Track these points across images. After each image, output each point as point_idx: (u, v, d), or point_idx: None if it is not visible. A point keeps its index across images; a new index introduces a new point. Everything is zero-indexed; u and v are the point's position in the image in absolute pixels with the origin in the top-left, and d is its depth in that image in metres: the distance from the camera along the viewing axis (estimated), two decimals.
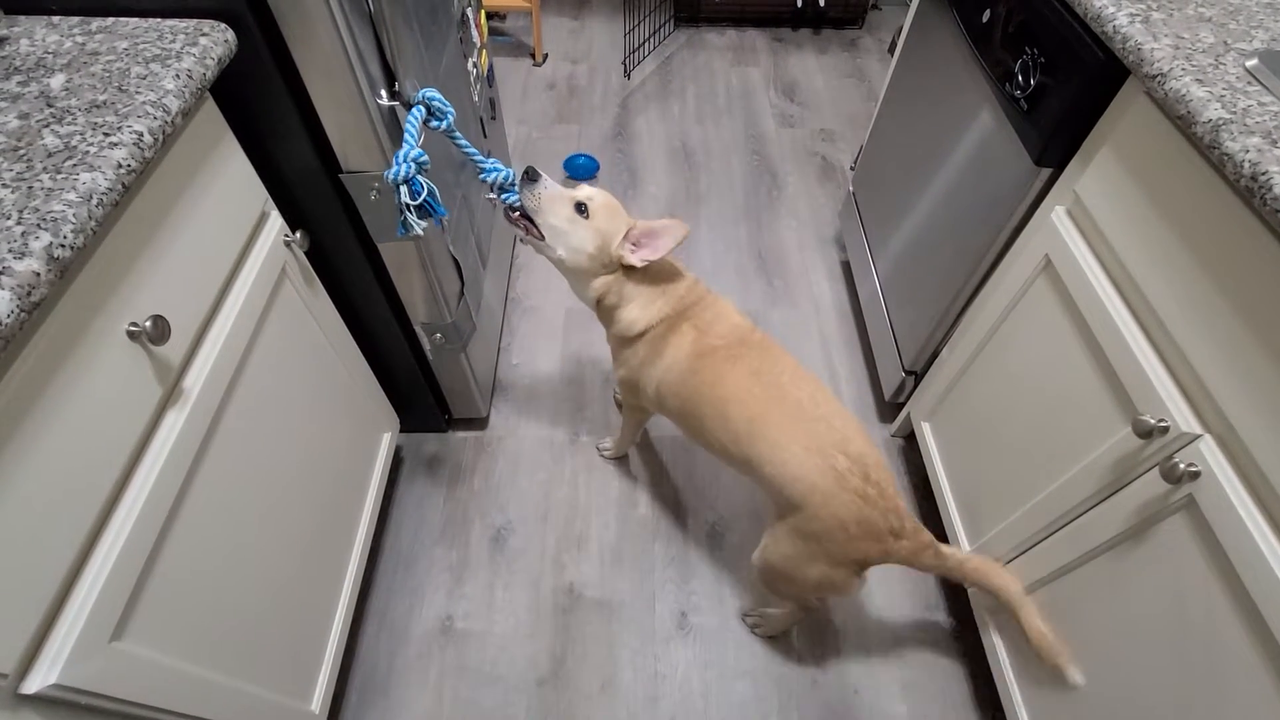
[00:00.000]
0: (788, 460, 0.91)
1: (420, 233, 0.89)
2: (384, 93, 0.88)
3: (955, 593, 1.29)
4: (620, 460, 1.47)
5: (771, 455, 0.92)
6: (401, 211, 0.87)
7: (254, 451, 0.83)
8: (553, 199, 0.98)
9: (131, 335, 0.62)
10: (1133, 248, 0.80)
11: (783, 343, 1.66)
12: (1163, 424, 0.72)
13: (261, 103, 0.82)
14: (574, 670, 1.20)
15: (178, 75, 0.66)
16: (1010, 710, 1.02)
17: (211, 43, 0.70)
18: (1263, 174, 0.60)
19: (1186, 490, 0.70)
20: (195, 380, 0.71)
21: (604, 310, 1.07)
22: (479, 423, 1.52)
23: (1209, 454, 0.69)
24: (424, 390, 1.36)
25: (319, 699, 0.99)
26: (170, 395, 0.68)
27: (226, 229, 0.77)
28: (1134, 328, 0.79)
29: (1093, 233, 0.87)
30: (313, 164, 0.90)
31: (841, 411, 0.96)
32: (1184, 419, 0.72)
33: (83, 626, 0.56)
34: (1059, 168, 0.95)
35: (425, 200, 0.88)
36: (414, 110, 0.88)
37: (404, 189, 0.85)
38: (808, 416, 0.93)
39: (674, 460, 1.47)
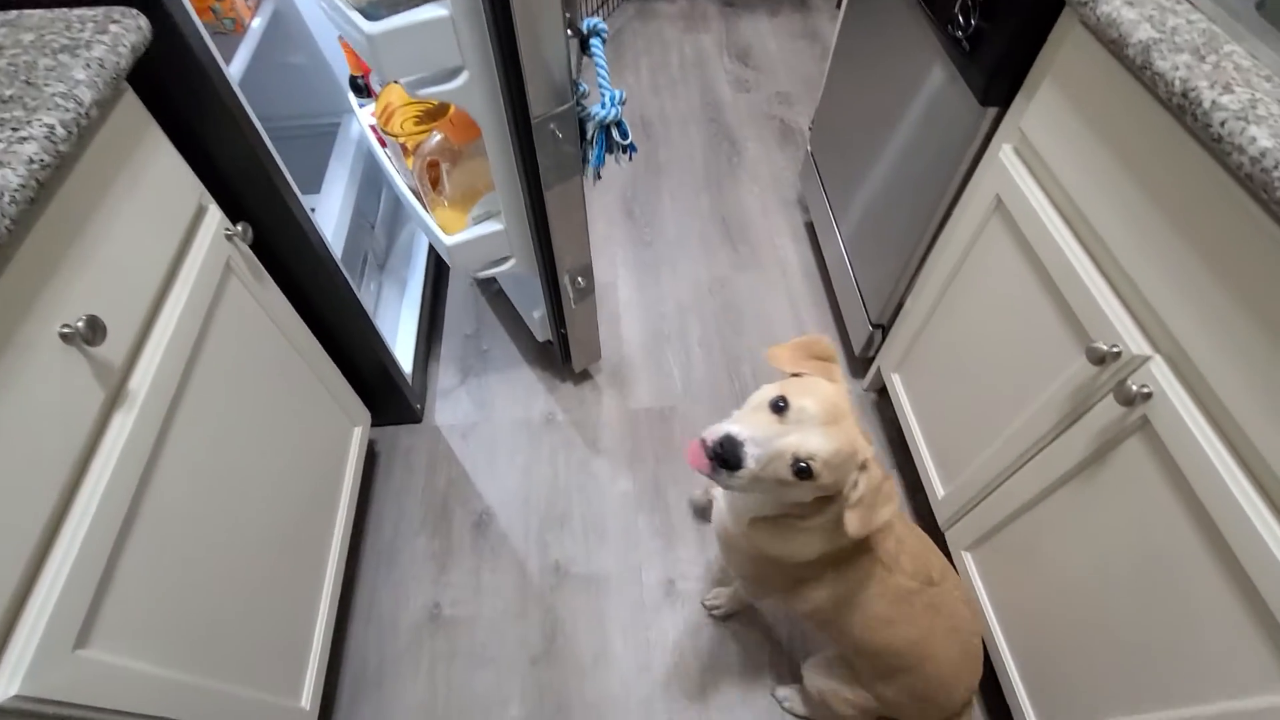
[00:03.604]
0: (955, 702, 0.92)
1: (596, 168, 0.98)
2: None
3: None
4: (599, 436, 1.47)
5: (948, 699, 0.92)
6: (601, 150, 0.97)
7: (214, 451, 0.81)
8: (768, 469, 0.70)
9: (65, 337, 0.60)
10: (1077, 178, 0.80)
11: (751, 307, 1.68)
12: (1114, 349, 0.74)
13: (186, 90, 0.79)
14: (566, 646, 1.21)
15: (88, 65, 0.63)
16: (1001, 671, 1.04)
17: (123, 30, 0.67)
18: (1192, 90, 0.60)
19: (1140, 411, 0.72)
20: (141, 381, 0.69)
21: (759, 520, 0.83)
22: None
23: (1159, 374, 0.70)
24: (393, 383, 1.35)
25: (308, 695, 0.99)
26: (116, 397, 0.66)
27: (160, 224, 0.75)
28: (1083, 257, 0.80)
29: (1039, 167, 0.88)
30: (248, 153, 0.88)
31: (979, 614, 0.97)
32: (1134, 342, 0.73)
33: (41, 636, 0.55)
34: (1004, 106, 0.95)
35: (630, 143, 0.97)
36: (594, 43, 0.91)
37: (614, 130, 0.93)
38: (973, 658, 0.92)
39: (651, 432, 1.47)
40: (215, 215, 0.85)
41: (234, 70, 1.06)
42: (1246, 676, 0.63)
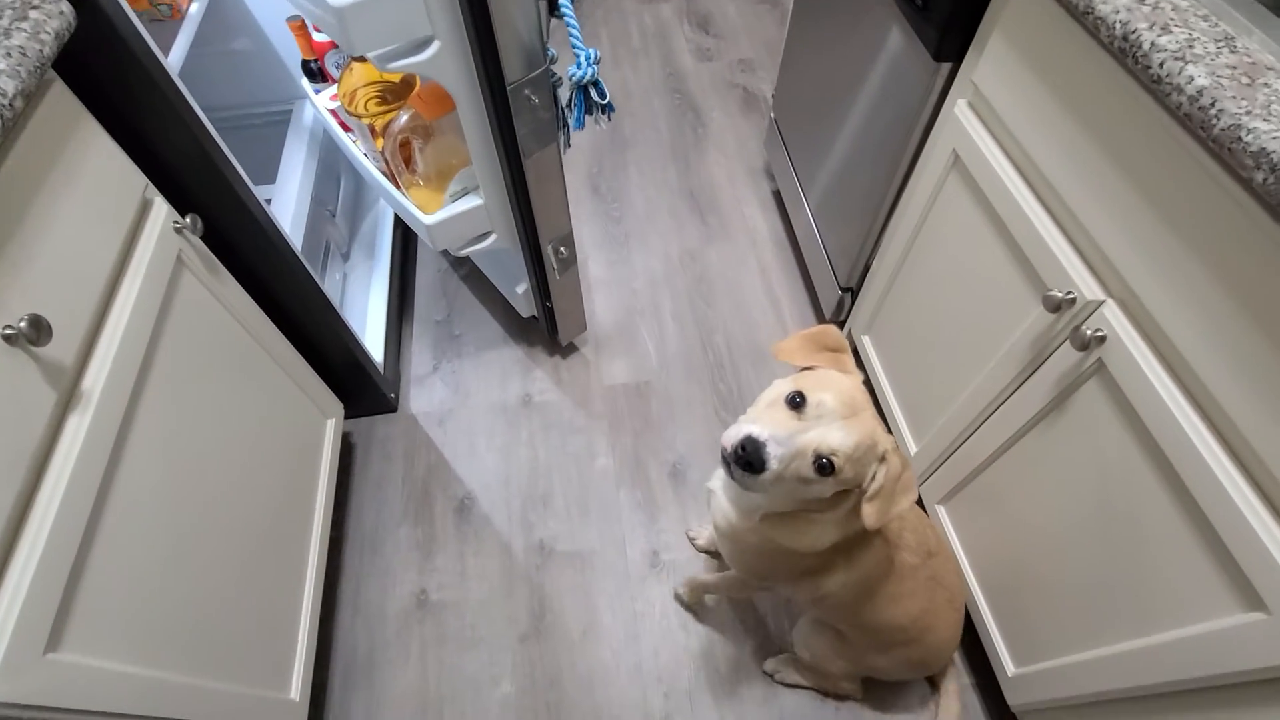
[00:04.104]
0: (944, 659, 1.02)
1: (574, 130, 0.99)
2: None
3: None
4: (576, 415, 1.47)
5: (938, 659, 1.00)
6: (581, 112, 0.95)
7: (180, 449, 0.80)
8: (790, 468, 0.67)
9: (7, 339, 0.58)
10: (1029, 127, 0.81)
11: (722, 279, 1.68)
12: (1070, 296, 0.75)
13: (120, 79, 0.76)
14: (554, 622, 1.22)
15: (9, 54, 0.60)
16: (976, 616, 1.07)
17: (44, 15, 0.64)
18: (1133, 33, 0.61)
19: (1096, 355, 0.74)
20: (95, 381, 0.67)
21: (773, 516, 0.81)
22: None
23: (1112, 318, 0.72)
24: (364, 373, 1.33)
25: (297, 687, 0.99)
26: (70, 399, 0.65)
27: (103, 218, 0.73)
28: (1037, 207, 0.81)
29: (993, 120, 0.88)
30: (193, 144, 0.85)
31: (950, 551, 1.01)
32: (1088, 288, 0.74)
33: (9, 642, 0.54)
34: (957, 61, 0.95)
35: (609, 103, 0.96)
36: (563, 2, 0.89)
37: (592, 90, 0.93)
38: (947, 599, 0.96)
39: (628, 407, 1.48)
40: (162, 208, 0.82)
41: (173, 59, 1.02)
42: (1200, 603, 0.66)
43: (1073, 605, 0.84)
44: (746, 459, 0.66)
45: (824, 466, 0.66)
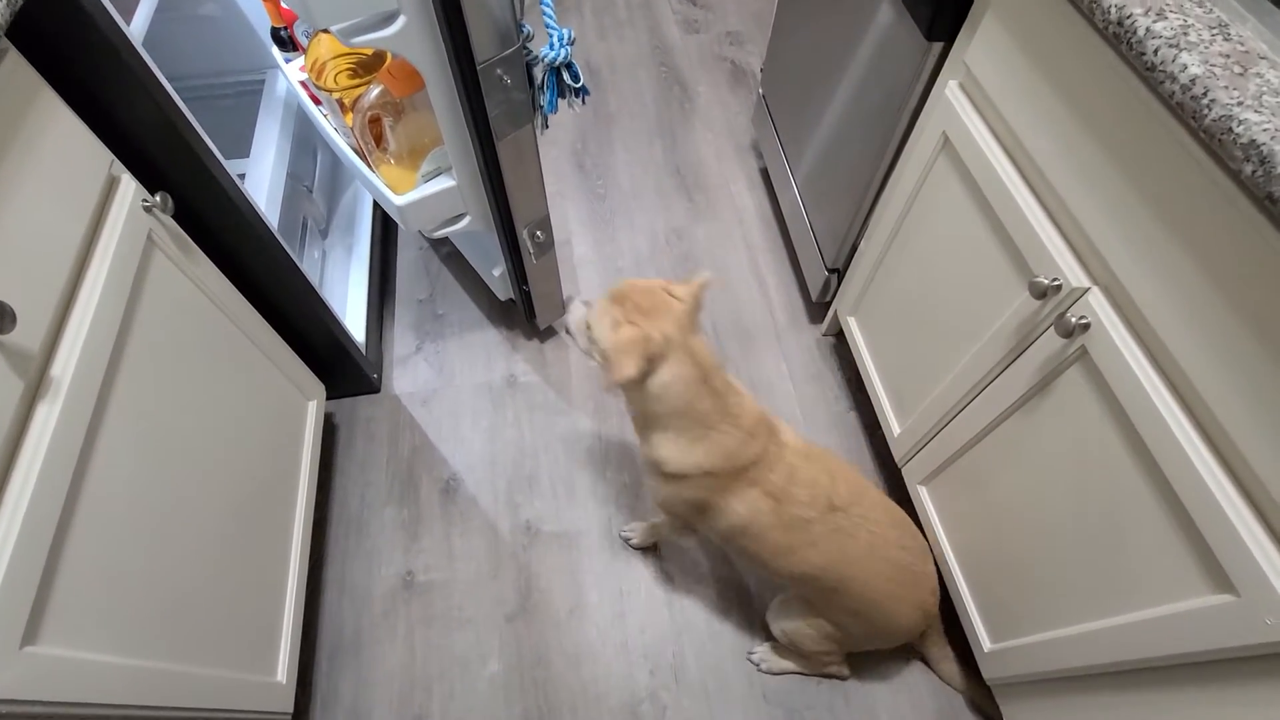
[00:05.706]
0: (899, 618, 1.01)
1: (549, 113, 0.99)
2: None
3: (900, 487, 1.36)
4: (562, 395, 1.47)
5: (887, 617, 1.00)
6: (554, 95, 0.96)
7: (157, 435, 0.78)
8: (586, 331, 0.91)
9: None
10: (1020, 111, 0.80)
11: (708, 257, 1.67)
12: (1055, 283, 0.75)
13: (79, 49, 0.73)
14: (541, 601, 1.23)
15: None
16: (956, 596, 1.10)
17: None
18: (1127, 17, 0.60)
19: (1079, 342, 0.74)
20: (64, 368, 0.65)
21: (635, 422, 0.96)
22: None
23: (1097, 305, 0.72)
24: (346, 354, 1.31)
25: (283, 670, 0.99)
26: (37, 387, 0.63)
27: (67, 197, 0.70)
28: (1026, 193, 0.81)
29: (984, 103, 0.87)
30: (160, 117, 0.82)
31: (917, 538, 1.05)
32: (1074, 275, 0.75)
33: None
34: (949, 40, 0.94)
35: (582, 86, 0.96)
36: None
37: (564, 72, 0.92)
38: (909, 577, 1.00)
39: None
40: (130, 186, 0.79)
41: (135, 25, 0.98)
42: (1172, 584, 0.67)
43: (1050, 584, 0.86)
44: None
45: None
